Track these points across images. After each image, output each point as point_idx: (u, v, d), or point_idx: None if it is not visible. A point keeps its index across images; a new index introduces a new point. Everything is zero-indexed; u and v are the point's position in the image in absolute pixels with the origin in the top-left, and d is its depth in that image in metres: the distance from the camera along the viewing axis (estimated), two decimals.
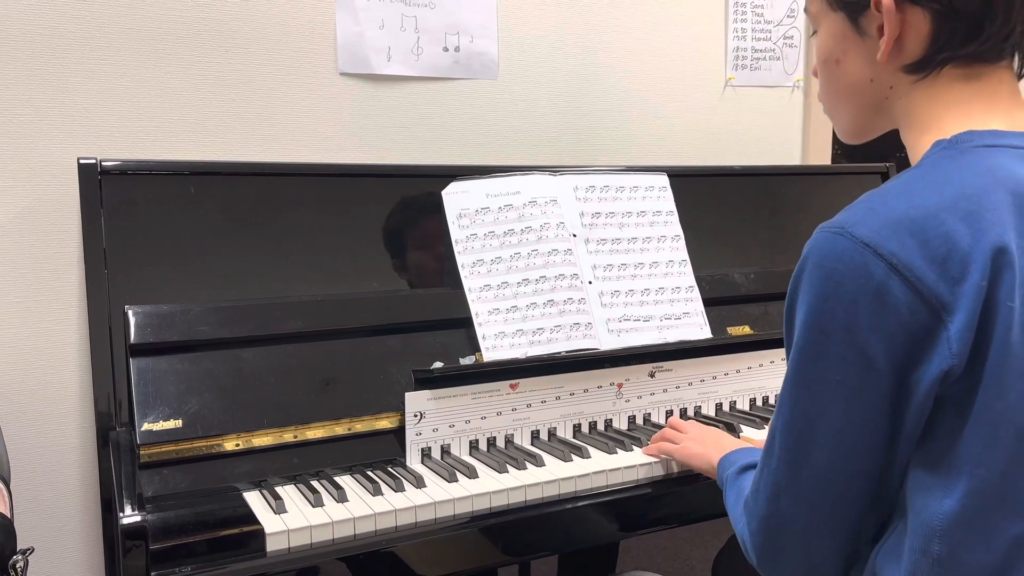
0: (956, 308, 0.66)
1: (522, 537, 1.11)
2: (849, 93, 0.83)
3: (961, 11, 0.73)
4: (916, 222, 0.67)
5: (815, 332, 0.70)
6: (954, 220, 0.67)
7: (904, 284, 0.66)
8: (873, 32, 0.77)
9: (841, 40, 0.81)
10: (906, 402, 0.69)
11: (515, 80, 1.65)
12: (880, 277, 0.66)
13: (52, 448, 1.36)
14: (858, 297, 0.67)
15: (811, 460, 0.74)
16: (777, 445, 0.77)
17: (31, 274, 1.32)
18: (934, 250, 0.66)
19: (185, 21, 1.39)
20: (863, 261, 0.67)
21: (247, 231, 1.28)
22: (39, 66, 1.31)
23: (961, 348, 0.66)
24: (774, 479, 0.77)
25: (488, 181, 1.37)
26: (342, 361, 1.21)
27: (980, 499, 0.68)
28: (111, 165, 1.22)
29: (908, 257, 0.66)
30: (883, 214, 0.68)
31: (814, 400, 0.72)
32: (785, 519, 0.77)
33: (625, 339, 1.35)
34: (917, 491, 0.72)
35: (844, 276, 0.68)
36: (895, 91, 0.79)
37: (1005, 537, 0.68)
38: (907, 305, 0.66)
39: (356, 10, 1.50)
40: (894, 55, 0.76)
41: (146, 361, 1.11)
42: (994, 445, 0.67)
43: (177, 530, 0.95)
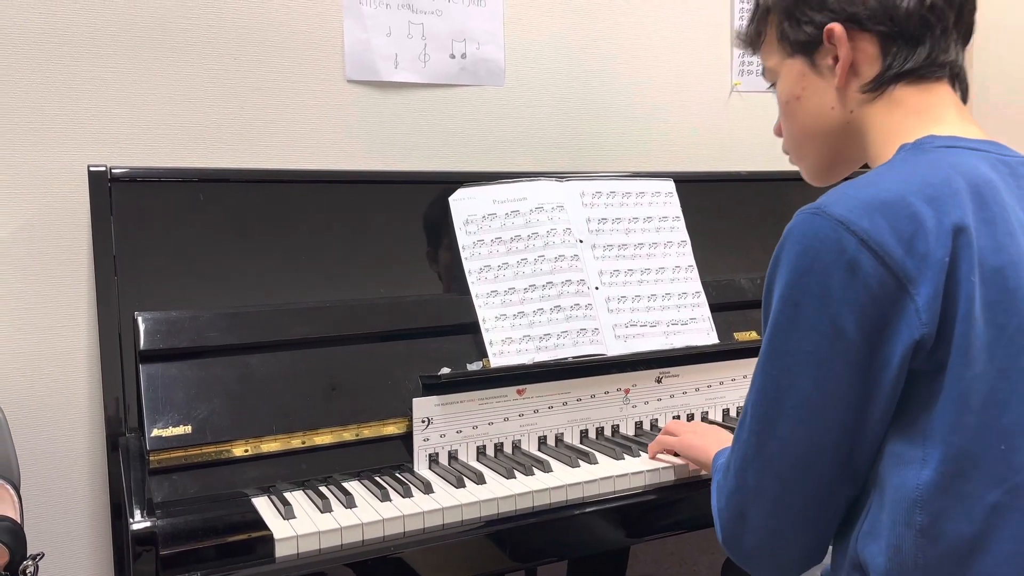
0: (922, 281, 0.71)
1: (530, 543, 1.11)
2: (813, 125, 0.90)
3: (903, 31, 0.82)
4: (886, 203, 0.72)
5: (790, 305, 0.74)
6: (920, 203, 0.72)
7: (874, 258, 0.71)
8: (828, 64, 0.86)
9: (800, 79, 0.89)
10: (880, 374, 0.72)
11: (521, 87, 1.66)
12: (852, 251, 0.71)
13: (62, 454, 1.36)
14: (831, 270, 0.72)
15: (779, 431, 0.76)
16: (748, 418, 0.79)
17: (41, 280, 1.33)
18: (902, 229, 0.71)
19: (194, 29, 1.40)
20: (837, 236, 0.72)
21: (255, 238, 1.29)
22: (50, 74, 1.32)
23: (930, 318, 0.71)
24: (743, 452, 0.79)
25: (495, 187, 1.37)
26: (350, 367, 1.22)
27: (956, 466, 0.71)
28: (121, 172, 1.23)
29: (878, 234, 0.71)
30: (855, 196, 0.74)
31: (786, 371, 0.75)
32: (753, 491, 0.79)
33: (632, 345, 1.35)
34: (895, 465, 0.74)
35: (819, 251, 0.73)
36: (855, 113, 0.86)
37: (983, 505, 0.71)
38: (876, 278, 0.71)
39: (363, 18, 1.51)
40: (850, 79, 0.85)
41: (155, 367, 1.12)
42: (965, 413, 0.71)
43: (187, 536, 0.95)
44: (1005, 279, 0.72)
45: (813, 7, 0.85)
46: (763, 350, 0.78)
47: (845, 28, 0.83)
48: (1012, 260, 0.73)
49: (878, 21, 0.83)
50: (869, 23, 0.83)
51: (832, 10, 0.84)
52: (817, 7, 0.85)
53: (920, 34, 0.82)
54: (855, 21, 0.83)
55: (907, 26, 0.82)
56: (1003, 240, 0.74)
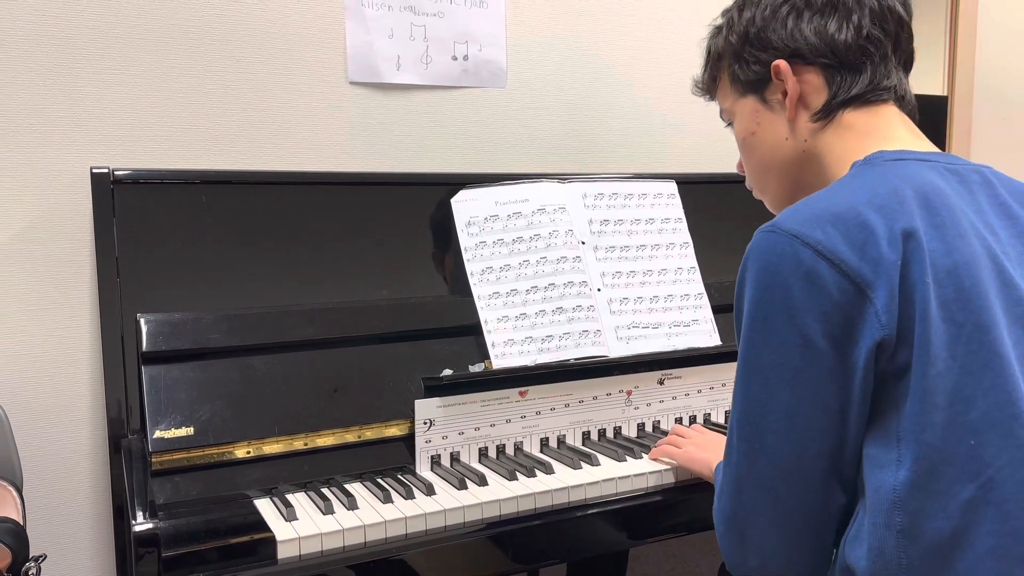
0: (878, 284, 0.73)
1: (532, 545, 1.11)
2: (771, 158, 0.94)
3: (844, 61, 0.88)
4: (837, 215, 0.76)
5: (758, 320, 0.77)
6: (869, 212, 0.75)
7: (830, 266, 0.74)
8: (778, 98, 0.91)
9: (754, 116, 0.94)
10: (851, 379, 0.75)
11: (523, 88, 1.66)
12: (809, 262, 0.74)
13: (64, 455, 1.36)
14: (791, 282, 0.75)
15: (767, 447, 0.78)
16: (735, 439, 0.81)
17: (44, 282, 1.33)
18: (853, 237, 0.74)
19: (196, 31, 1.40)
20: (792, 250, 0.75)
21: (258, 239, 1.29)
22: (52, 76, 1.32)
23: (889, 319, 0.73)
24: (735, 474, 0.81)
25: (497, 189, 1.37)
26: (352, 369, 1.22)
27: (928, 464, 0.73)
28: (123, 174, 1.23)
29: (831, 243, 0.74)
30: (806, 211, 0.77)
31: (763, 386, 0.77)
32: (750, 513, 0.80)
33: (634, 346, 1.35)
34: (872, 468, 0.75)
35: (778, 265, 0.76)
36: (809, 142, 0.91)
37: (958, 501, 0.72)
38: (835, 285, 0.73)
39: (366, 19, 1.51)
40: (800, 110, 0.90)
41: (158, 369, 1.12)
42: (932, 411, 0.73)
43: (189, 537, 0.95)
44: (959, 278, 0.75)
45: (759, 47, 0.91)
46: (739, 369, 0.80)
47: (790, 63, 0.89)
48: (965, 260, 0.75)
49: (820, 54, 0.88)
50: (812, 57, 0.88)
51: (776, 48, 0.90)
52: (762, 47, 0.91)
53: (860, 63, 0.88)
54: (799, 56, 0.89)
55: (847, 57, 0.88)
56: (954, 242, 0.76)
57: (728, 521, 0.82)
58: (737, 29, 0.93)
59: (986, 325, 0.74)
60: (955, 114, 2.31)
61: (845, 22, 0.87)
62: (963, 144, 2.33)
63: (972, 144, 2.34)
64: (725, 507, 0.82)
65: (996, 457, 0.72)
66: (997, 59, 2.36)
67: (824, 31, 0.88)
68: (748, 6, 0.93)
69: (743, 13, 0.93)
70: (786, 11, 0.89)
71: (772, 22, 0.90)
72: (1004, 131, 2.39)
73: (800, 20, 0.89)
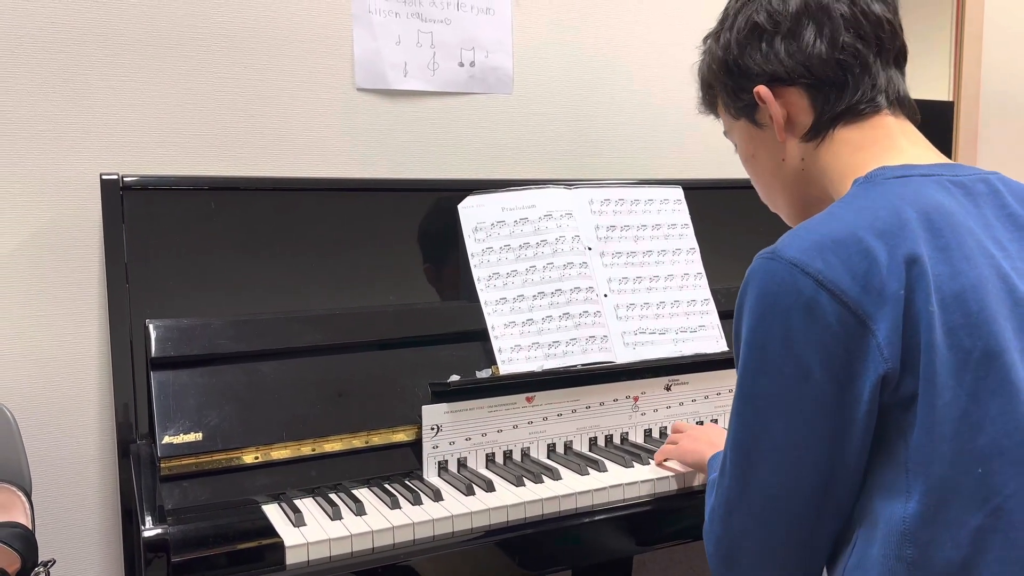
0: (880, 317, 0.71)
1: (539, 551, 1.11)
2: (772, 179, 0.94)
3: (824, 78, 0.86)
4: (838, 242, 0.74)
5: (756, 349, 0.76)
6: (871, 238, 0.73)
7: (831, 298, 0.72)
8: (768, 122, 0.90)
9: (751, 140, 0.94)
10: (852, 412, 0.73)
11: (530, 94, 1.67)
12: (809, 293, 0.72)
13: (73, 460, 1.37)
14: (791, 312, 0.73)
15: (758, 475, 0.77)
16: (728, 463, 0.80)
17: (53, 288, 1.34)
18: (855, 265, 0.72)
19: (204, 37, 1.41)
20: (792, 279, 0.73)
21: (266, 245, 1.29)
22: (61, 83, 1.33)
23: (892, 353, 0.71)
24: (726, 498, 0.80)
25: (503, 195, 1.38)
26: (359, 374, 1.22)
27: (938, 495, 0.72)
28: (132, 180, 1.24)
29: (832, 273, 0.72)
30: (807, 237, 0.75)
31: (758, 415, 0.76)
32: (739, 537, 0.80)
33: (641, 352, 1.35)
34: (882, 499, 0.74)
35: (777, 294, 0.74)
36: (806, 161, 0.89)
37: (968, 530, 0.71)
38: (836, 316, 0.72)
39: (373, 26, 1.52)
40: (790, 132, 0.89)
41: (166, 374, 1.12)
42: (940, 441, 0.71)
43: (198, 543, 0.95)
44: (966, 303, 0.73)
45: (740, 74, 0.90)
46: (735, 395, 0.79)
47: (771, 87, 0.88)
48: (972, 284, 0.73)
49: (798, 75, 0.86)
50: (791, 78, 0.87)
51: (756, 74, 0.88)
52: (743, 74, 0.90)
53: (841, 77, 0.85)
54: (778, 80, 0.87)
55: (826, 73, 0.85)
56: (960, 265, 0.74)
57: (717, 543, 0.82)
58: (717, 57, 0.92)
59: (995, 351, 0.72)
60: (961, 120, 2.31)
61: (817, 38, 0.85)
62: (969, 150, 2.33)
63: (978, 149, 2.34)
64: (715, 529, 0.82)
65: (1004, 485, 0.71)
66: (1003, 64, 2.36)
67: (798, 51, 0.86)
68: (724, 31, 0.92)
69: (719, 39, 0.92)
70: (757, 34, 0.88)
71: (747, 47, 0.89)
72: (1011, 136, 2.39)
73: (772, 43, 0.87)
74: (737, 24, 0.90)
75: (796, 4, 0.86)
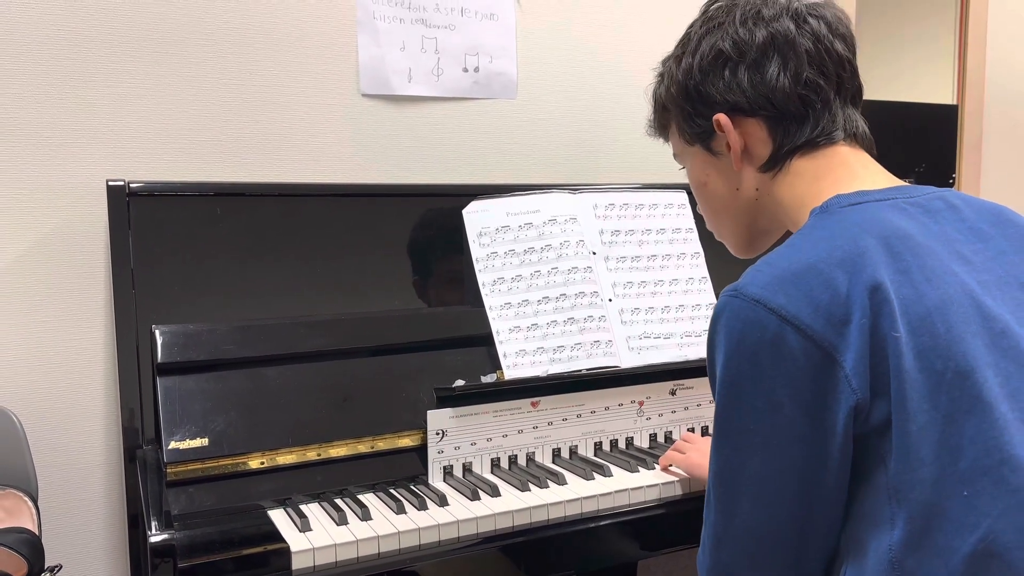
0: (846, 347, 0.71)
1: (544, 556, 1.11)
2: (723, 207, 0.94)
3: (784, 112, 0.85)
4: (798, 275, 0.73)
5: (728, 386, 0.76)
6: (831, 268, 0.73)
7: (796, 332, 0.72)
8: (724, 150, 0.90)
9: (704, 167, 0.93)
10: (827, 443, 0.73)
11: (534, 99, 1.67)
12: (774, 329, 0.72)
13: (79, 466, 1.37)
14: (757, 349, 0.73)
15: (740, 510, 0.77)
16: (712, 498, 0.81)
17: (59, 294, 1.35)
18: (817, 298, 0.72)
19: (209, 44, 1.42)
20: (756, 316, 0.73)
21: (271, 251, 1.30)
22: (68, 89, 1.33)
23: (860, 383, 0.71)
24: (713, 531, 0.81)
25: (508, 200, 1.38)
26: (364, 379, 1.22)
27: (923, 522, 0.70)
28: (139, 186, 1.24)
29: (795, 308, 0.72)
30: (768, 272, 0.75)
31: (736, 451, 0.77)
32: (727, 568, 0.80)
33: (646, 356, 1.35)
34: (867, 529, 0.74)
35: (743, 332, 0.74)
36: (761, 191, 0.89)
37: (959, 556, 0.70)
38: (802, 351, 0.72)
39: (377, 32, 1.52)
40: (746, 161, 0.89)
41: (172, 380, 1.13)
42: (919, 466, 0.71)
43: (204, 548, 0.95)
44: (933, 324, 0.72)
45: (700, 101, 0.89)
46: (714, 431, 0.79)
47: (730, 116, 0.87)
48: (936, 304, 0.73)
49: (759, 106, 0.86)
50: (751, 109, 0.86)
51: (716, 101, 0.88)
52: (703, 100, 0.89)
53: (802, 111, 0.85)
54: (738, 109, 0.87)
55: (787, 107, 0.85)
56: (922, 287, 0.74)
57: (708, 572, 0.82)
58: (676, 80, 0.91)
59: (965, 370, 0.71)
60: (965, 123, 2.30)
61: (781, 71, 0.85)
62: (974, 153, 2.32)
63: (983, 153, 2.34)
64: (706, 560, 0.82)
65: (991, 506, 0.69)
66: (1008, 67, 2.36)
67: (761, 83, 0.85)
68: (686, 55, 0.90)
69: (681, 63, 0.91)
70: (721, 62, 0.87)
71: (709, 75, 0.88)
72: (1016, 139, 2.38)
73: (736, 73, 0.86)
74: (701, 49, 0.89)
75: (762, 36, 0.86)
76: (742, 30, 0.86)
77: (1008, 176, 2.33)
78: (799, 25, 0.86)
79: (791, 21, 0.86)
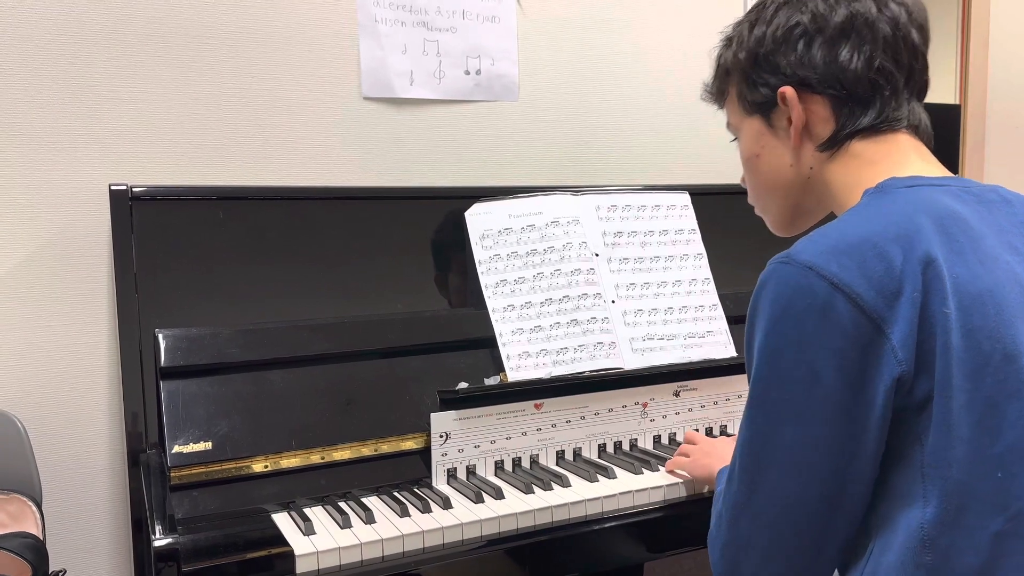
0: (895, 320, 0.71)
1: (549, 559, 1.10)
2: (772, 181, 0.93)
3: (852, 94, 0.85)
4: (853, 246, 0.73)
5: (769, 353, 0.75)
6: (886, 242, 0.73)
7: (846, 300, 0.71)
8: (783, 124, 0.89)
9: (759, 138, 0.92)
10: (865, 417, 0.72)
11: (536, 101, 1.67)
12: (824, 296, 0.72)
13: (83, 470, 1.37)
14: (805, 316, 0.73)
15: (767, 480, 0.76)
16: (736, 468, 0.79)
17: (63, 298, 1.35)
18: (871, 269, 0.72)
19: (212, 48, 1.42)
20: (808, 282, 0.73)
21: (274, 254, 1.30)
22: (70, 94, 1.34)
23: (907, 355, 0.71)
24: (733, 502, 0.79)
25: (510, 202, 1.38)
26: (368, 382, 1.22)
27: (957, 500, 0.71)
28: (141, 191, 1.24)
29: (848, 277, 0.72)
30: (822, 242, 0.75)
31: (768, 419, 0.76)
32: (745, 543, 0.79)
33: (649, 358, 1.35)
34: (898, 507, 0.74)
35: (792, 298, 0.73)
36: (815, 170, 0.89)
37: (987, 535, 0.71)
38: (850, 320, 0.71)
39: (379, 36, 1.52)
40: (805, 139, 0.88)
41: (176, 384, 1.13)
42: (956, 445, 0.71)
43: (208, 552, 0.95)
44: (984, 305, 0.72)
45: (767, 70, 0.88)
46: (748, 400, 0.78)
47: (797, 91, 0.86)
48: (988, 287, 0.73)
49: (828, 85, 0.85)
50: (820, 87, 0.85)
51: (785, 74, 0.87)
52: (771, 70, 0.88)
53: (870, 96, 0.85)
54: (806, 85, 0.86)
55: (856, 89, 0.85)
56: (976, 268, 0.74)
57: (723, 549, 0.81)
58: (747, 47, 0.90)
59: (1012, 354, 0.72)
60: (968, 123, 2.30)
61: (856, 52, 0.84)
62: (976, 153, 2.32)
63: (986, 153, 2.33)
64: (723, 535, 0.81)
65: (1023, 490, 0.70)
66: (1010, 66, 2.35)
67: (834, 60, 0.84)
68: (760, 23, 0.89)
69: (754, 30, 0.89)
70: (797, 35, 0.86)
71: (782, 45, 0.86)
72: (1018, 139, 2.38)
73: (811, 46, 0.85)
74: (777, 19, 0.87)
75: (843, 14, 0.85)
76: (823, 5, 0.85)
77: (1011, 176, 2.32)
78: (880, 8, 0.85)
79: (873, 3, 0.85)
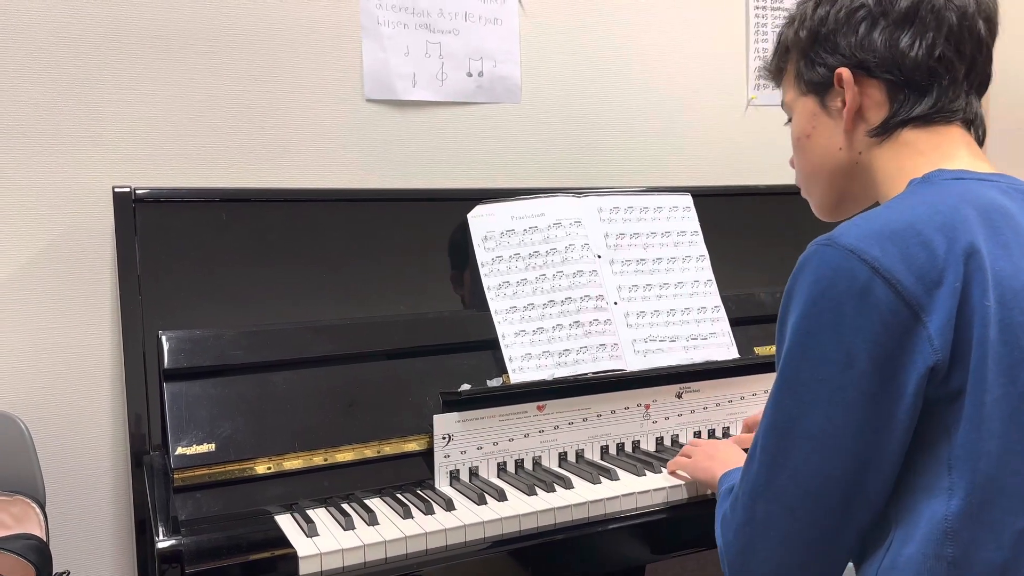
0: (934, 308, 0.71)
1: (551, 560, 1.10)
2: (820, 163, 0.92)
3: (910, 80, 0.84)
4: (896, 232, 0.73)
5: (803, 334, 0.75)
6: (930, 230, 0.73)
7: (886, 286, 0.71)
8: (837, 106, 0.88)
9: (812, 118, 0.91)
10: (895, 405, 0.72)
11: (538, 103, 1.67)
12: (864, 279, 0.72)
13: (86, 471, 1.38)
14: (844, 299, 0.72)
15: (791, 462, 0.76)
16: (759, 449, 0.79)
17: (66, 300, 1.35)
18: (913, 256, 0.72)
19: (215, 51, 1.42)
20: (848, 265, 0.72)
21: (277, 256, 1.30)
22: (73, 97, 1.34)
23: (943, 344, 0.71)
24: (753, 484, 0.79)
25: (513, 204, 1.38)
26: (371, 384, 1.22)
27: (983, 494, 0.71)
28: (145, 193, 1.25)
29: (889, 262, 0.71)
30: (865, 227, 0.75)
31: (797, 401, 0.75)
32: (762, 525, 0.78)
33: (651, 360, 1.35)
34: (922, 498, 0.74)
35: (832, 280, 0.73)
36: (864, 155, 0.88)
37: (1012, 531, 0.71)
38: (888, 305, 0.71)
39: (382, 38, 1.52)
40: (858, 122, 0.87)
41: (179, 386, 1.13)
42: (987, 439, 0.71)
43: (211, 554, 0.95)
44: None
45: (827, 50, 0.87)
46: (776, 382, 0.78)
47: (853, 73, 0.85)
48: None
49: (886, 69, 0.84)
50: (877, 70, 0.84)
51: (843, 55, 0.86)
52: (830, 50, 0.87)
53: (927, 84, 0.84)
54: (864, 67, 0.85)
55: (914, 76, 0.84)
56: (1020, 263, 0.73)
57: (738, 530, 0.80)
58: (808, 25, 0.89)
59: None
60: None
61: (919, 39, 0.83)
62: None
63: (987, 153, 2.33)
64: (738, 516, 0.80)
65: None
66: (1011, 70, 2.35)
67: (895, 45, 0.83)
68: (825, 2, 0.88)
69: (817, 10, 0.88)
70: (860, 16, 0.85)
71: (844, 26, 0.86)
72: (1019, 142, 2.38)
73: (873, 29, 0.84)
74: (842, 0, 0.87)
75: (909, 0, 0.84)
76: None
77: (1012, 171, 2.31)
78: None
79: None
